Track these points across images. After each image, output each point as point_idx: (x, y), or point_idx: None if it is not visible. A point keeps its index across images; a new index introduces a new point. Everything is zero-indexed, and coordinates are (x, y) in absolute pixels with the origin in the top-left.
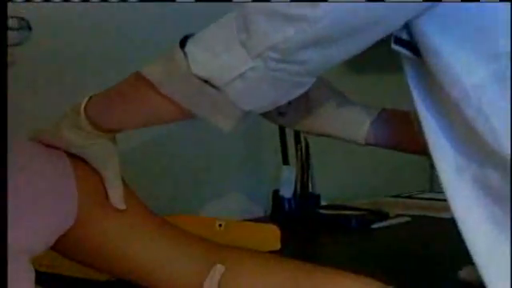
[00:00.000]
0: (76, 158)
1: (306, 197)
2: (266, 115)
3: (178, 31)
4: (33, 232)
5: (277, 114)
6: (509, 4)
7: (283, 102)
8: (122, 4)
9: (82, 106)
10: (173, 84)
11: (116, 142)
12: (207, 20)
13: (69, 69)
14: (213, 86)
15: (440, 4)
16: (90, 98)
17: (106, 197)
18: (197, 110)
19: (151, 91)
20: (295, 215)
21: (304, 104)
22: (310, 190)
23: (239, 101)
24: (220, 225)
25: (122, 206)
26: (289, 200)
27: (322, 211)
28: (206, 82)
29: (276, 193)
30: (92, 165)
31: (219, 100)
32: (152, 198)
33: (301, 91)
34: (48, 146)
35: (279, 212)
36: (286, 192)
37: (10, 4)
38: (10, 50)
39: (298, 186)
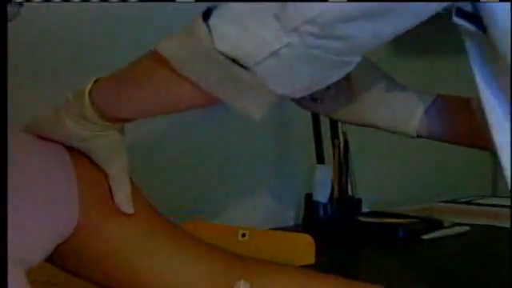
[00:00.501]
0: (77, 153)
1: (344, 201)
2: (298, 101)
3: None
4: (30, 239)
5: (312, 100)
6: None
7: (322, 85)
8: None
9: (87, 91)
10: (194, 63)
11: (124, 134)
12: None
13: (67, 50)
14: (241, 65)
15: None
16: (96, 80)
17: (111, 198)
18: (222, 93)
19: (169, 72)
20: (332, 223)
21: (345, 88)
22: (350, 193)
23: (271, 83)
24: (243, 234)
25: (130, 210)
26: (324, 205)
27: (363, 219)
28: (233, 60)
29: (309, 197)
30: (96, 161)
31: (248, 82)
32: (163, 200)
33: (343, 73)
34: (44, 138)
35: (313, 219)
36: (321, 196)
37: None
38: None
39: (335, 189)
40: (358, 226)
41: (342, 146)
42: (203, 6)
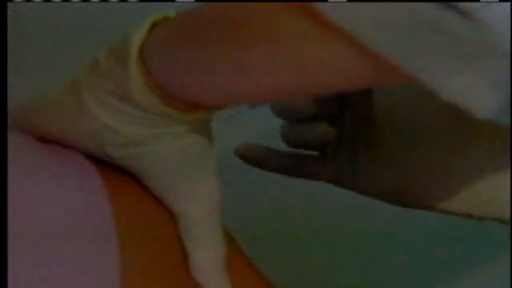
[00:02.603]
0: (114, 173)
1: None
2: None
3: None
4: None
5: None
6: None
7: None
8: None
9: (134, 49)
10: (357, 7)
11: (212, 138)
12: None
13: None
14: (452, 7)
15: None
16: (153, 27)
17: (183, 263)
18: (410, 61)
19: (305, 22)
20: None
21: None
22: None
23: None
24: None
25: (221, 286)
26: None
27: None
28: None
29: None
30: (154, 188)
31: (465, 39)
32: (283, 267)
33: None
34: (49, 141)
35: None
36: None
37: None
38: None
39: None
40: None
41: None
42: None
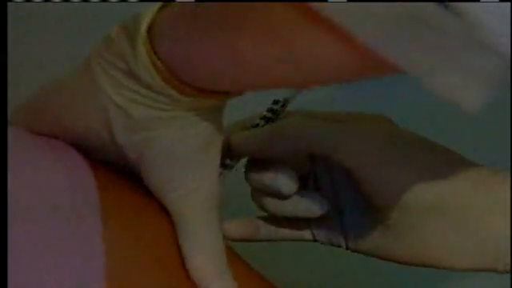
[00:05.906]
0: (107, 174)
1: None
2: None
3: None
4: None
5: None
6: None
7: None
8: None
9: (143, 28)
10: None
11: (221, 132)
12: None
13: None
14: (441, 2)
15: None
16: (162, 7)
17: (182, 267)
18: (400, 56)
19: (295, 11)
20: None
21: None
22: None
23: (500, 35)
24: None
25: None
26: None
27: None
28: None
29: None
30: (152, 184)
31: (452, 32)
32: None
33: None
34: (51, 137)
35: None
36: None
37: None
38: None
39: None
40: None
41: None
42: None
